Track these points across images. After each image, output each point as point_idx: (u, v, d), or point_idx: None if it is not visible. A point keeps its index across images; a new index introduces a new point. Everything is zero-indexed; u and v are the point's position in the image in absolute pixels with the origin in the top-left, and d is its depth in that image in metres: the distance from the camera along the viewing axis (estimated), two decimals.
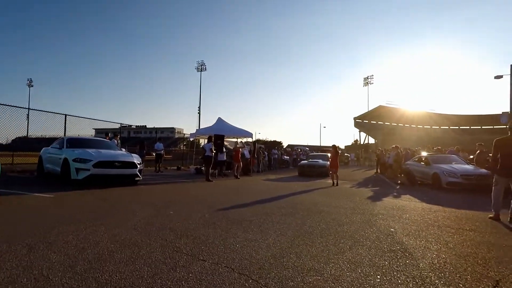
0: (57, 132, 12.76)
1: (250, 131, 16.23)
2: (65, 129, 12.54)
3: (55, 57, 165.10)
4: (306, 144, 54.81)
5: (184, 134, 27.48)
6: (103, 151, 8.89)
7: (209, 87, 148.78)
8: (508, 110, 35.07)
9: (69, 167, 8.00)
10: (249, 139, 17.30)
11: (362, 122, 64.85)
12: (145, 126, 31.35)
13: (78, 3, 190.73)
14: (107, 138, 12.15)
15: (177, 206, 5.67)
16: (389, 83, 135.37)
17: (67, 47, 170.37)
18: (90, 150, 8.54)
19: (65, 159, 8.25)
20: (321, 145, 62.50)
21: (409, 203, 7.15)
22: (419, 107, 71.25)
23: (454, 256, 3.14)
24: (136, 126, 27.90)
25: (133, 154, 9.60)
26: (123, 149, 10.95)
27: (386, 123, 65.63)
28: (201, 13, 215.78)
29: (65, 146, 8.96)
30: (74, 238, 3.33)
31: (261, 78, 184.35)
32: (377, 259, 2.98)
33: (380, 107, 64.53)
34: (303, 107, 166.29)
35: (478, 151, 12.43)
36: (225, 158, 13.84)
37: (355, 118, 64.68)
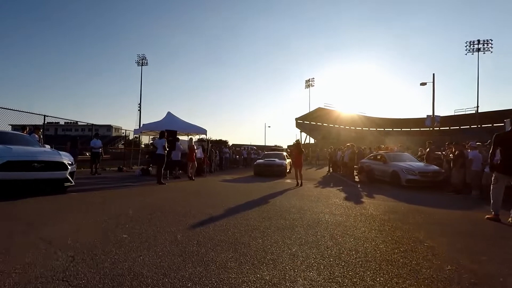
0: None
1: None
2: None
3: None
4: (250, 144, 54.22)
5: (126, 131, 24.24)
6: (15, 147, 6.47)
7: (150, 83, 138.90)
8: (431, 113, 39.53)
9: None
10: (203, 136, 15.69)
11: (303, 123, 67.12)
12: (77, 122, 26.88)
13: None
14: (25, 132, 9.37)
15: (131, 224, 4.02)
16: (328, 86, 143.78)
17: None
18: None
19: None
20: (266, 144, 62.92)
21: (393, 204, 6.71)
22: (351, 109, 76.64)
23: None
24: (65, 122, 23.75)
25: (61, 152, 7.35)
26: (47, 146, 8.44)
27: (324, 124, 68.87)
28: (143, 6, 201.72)
29: None
30: None
31: (205, 78, 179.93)
32: None
33: (319, 109, 67.48)
34: (247, 107, 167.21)
35: (428, 149, 13.02)
36: (179, 157, 12.09)
37: (296, 119, 66.64)
